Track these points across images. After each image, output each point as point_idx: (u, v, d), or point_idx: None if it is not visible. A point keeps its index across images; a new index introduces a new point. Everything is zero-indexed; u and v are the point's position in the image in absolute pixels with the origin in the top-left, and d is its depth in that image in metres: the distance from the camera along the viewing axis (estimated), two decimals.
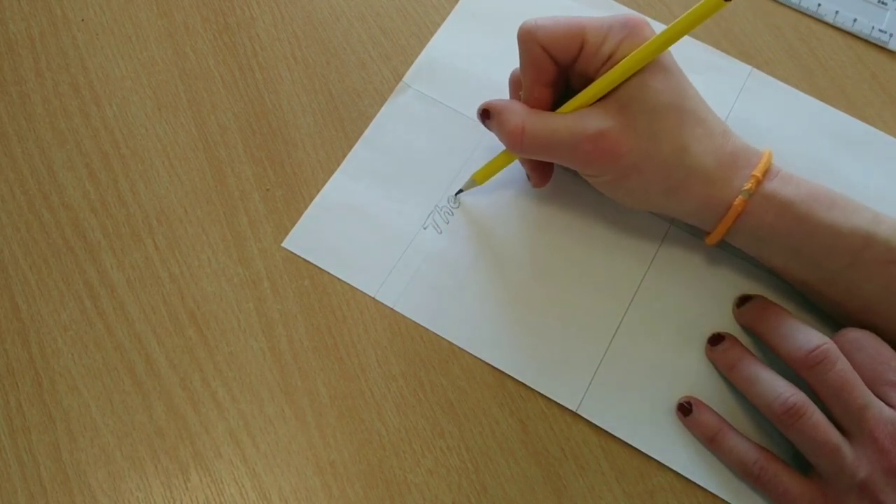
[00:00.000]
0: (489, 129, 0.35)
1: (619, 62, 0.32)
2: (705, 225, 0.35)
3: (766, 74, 0.42)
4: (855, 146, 0.40)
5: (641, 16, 0.33)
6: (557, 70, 0.34)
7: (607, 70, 0.32)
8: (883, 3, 0.43)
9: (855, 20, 0.43)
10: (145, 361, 0.35)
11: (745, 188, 0.32)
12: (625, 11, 0.43)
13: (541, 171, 0.37)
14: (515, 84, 0.37)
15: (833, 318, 0.36)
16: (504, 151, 0.37)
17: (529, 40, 0.33)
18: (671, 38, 0.31)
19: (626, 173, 0.33)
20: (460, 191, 0.39)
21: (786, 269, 0.35)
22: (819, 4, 0.43)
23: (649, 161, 0.32)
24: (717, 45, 0.42)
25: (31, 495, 0.33)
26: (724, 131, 0.34)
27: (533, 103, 0.34)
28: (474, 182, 0.38)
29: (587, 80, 0.34)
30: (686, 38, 0.43)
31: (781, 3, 0.44)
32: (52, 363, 0.35)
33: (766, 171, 0.33)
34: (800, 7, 0.44)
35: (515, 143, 0.34)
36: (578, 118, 0.33)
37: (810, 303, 0.37)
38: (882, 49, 0.43)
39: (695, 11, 0.30)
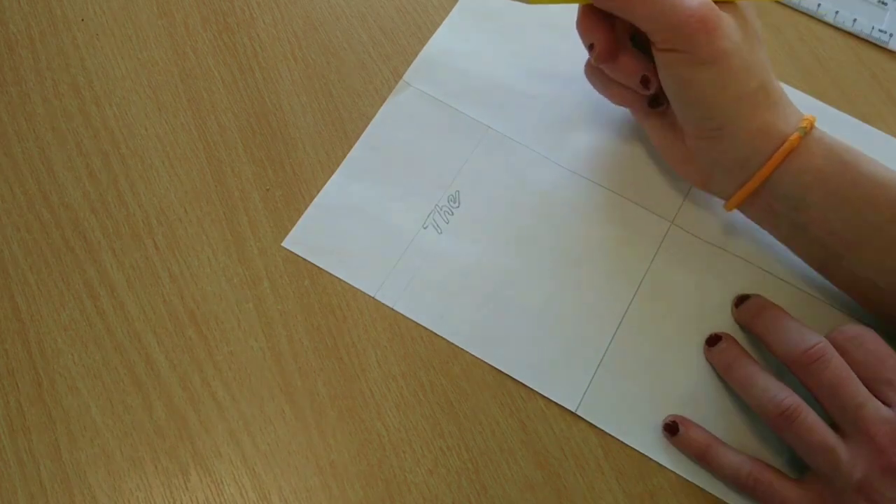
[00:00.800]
0: None
1: None
2: (750, 164, 0.33)
3: None
4: (855, 146, 0.40)
5: None
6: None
7: None
8: (883, 3, 0.43)
9: (855, 20, 0.43)
10: (145, 361, 0.35)
11: (801, 125, 0.33)
12: None
13: (607, 38, 0.34)
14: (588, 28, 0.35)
15: (850, 295, 0.36)
16: None
17: None
18: None
19: (715, 57, 0.32)
20: None
21: (820, 226, 0.33)
22: (819, 4, 0.43)
23: (738, 56, 0.32)
24: None
25: (31, 495, 0.33)
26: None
27: None
28: None
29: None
30: None
31: (781, 3, 0.44)
32: (52, 363, 0.35)
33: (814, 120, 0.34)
34: (800, 7, 0.44)
35: None
36: None
37: (808, 302, 0.37)
38: (882, 49, 0.43)
39: None
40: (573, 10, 0.35)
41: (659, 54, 0.33)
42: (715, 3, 0.32)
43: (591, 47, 0.35)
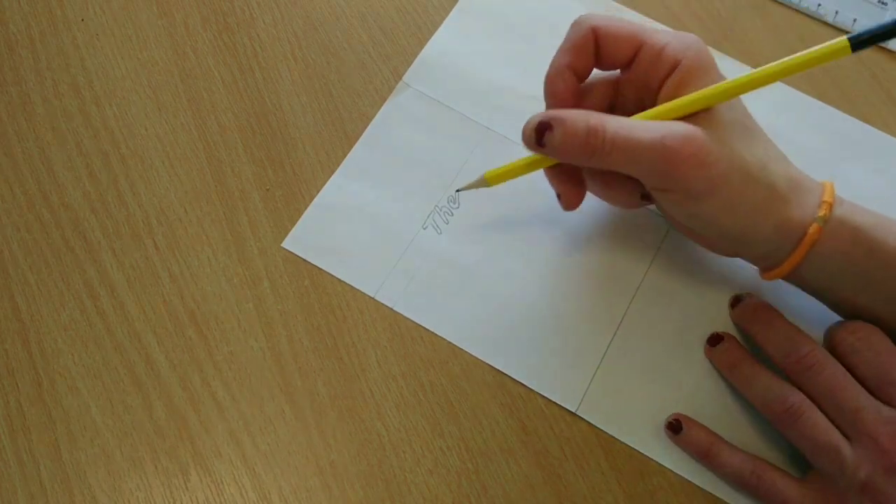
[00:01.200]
0: (547, 145, 0.31)
1: (689, 72, 0.30)
2: (773, 256, 0.32)
3: None
4: (855, 146, 0.40)
5: (692, 35, 0.32)
6: (591, 66, 0.32)
7: (677, 79, 0.30)
8: (883, 3, 0.43)
9: (855, 20, 0.43)
10: (145, 361, 0.35)
11: (820, 214, 0.31)
12: (624, 12, 0.43)
13: (571, 189, 0.34)
14: (552, 91, 0.34)
15: None
16: (529, 158, 0.34)
17: (583, 23, 0.31)
18: (780, 73, 0.30)
19: (713, 186, 0.30)
20: (462, 189, 0.37)
21: (856, 302, 0.33)
22: (819, 4, 0.43)
23: (735, 173, 0.30)
24: (716, 45, 0.42)
25: (31, 495, 0.33)
26: (784, 156, 0.32)
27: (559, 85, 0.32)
28: (484, 182, 0.35)
29: (646, 89, 0.32)
30: None
31: (781, 3, 0.44)
32: (52, 363, 0.35)
33: (834, 198, 0.32)
34: (800, 7, 0.44)
35: (596, 142, 0.29)
36: (658, 123, 0.30)
37: (807, 302, 0.37)
38: (882, 49, 0.43)
39: (813, 54, 0.29)
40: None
41: (655, 194, 0.32)
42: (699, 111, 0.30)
43: (558, 196, 0.34)
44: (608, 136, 0.29)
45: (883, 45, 0.43)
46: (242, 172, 0.39)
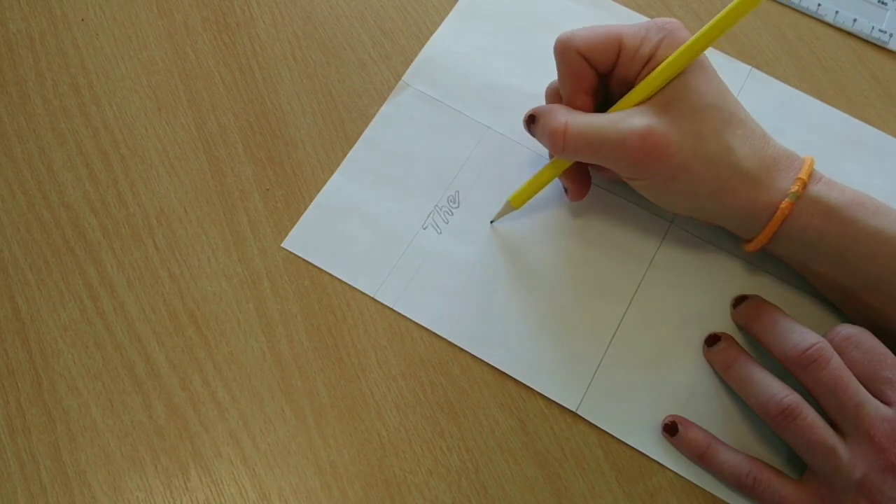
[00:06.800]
0: (534, 135, 0.35)
1: (659, 64, 0.32)
2: (749, 230, 0.34)
3: (766, 74, 0.42)
4: (855, 146, 0.40)
5: (675, 20, 0.33)
6: (596, 77, 0.34)
7: (648, 72, 0.32)
8: (883, 3, 0.43)
9: (855, 20, 0.43)
10: (145, 361, 0.35)
11: (792, 191, 0.32)
12: (624, 11, 0.43)
13: (579, 183, 0.36)
14: (553, 95, 0.37)
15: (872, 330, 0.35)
16: (541, 171, 0.36)
17: (567, 50, 0.33)
18: (713, 35, 0.31)
19: (673, 174, 0.32)
20: (495, 219, 0.38)
21: (829, 276, 0.34)
22: (819, 4, 0.43)
23: (697, 160, 0.32)
24: (716, 44, 0.42)
25: (31, 495, 0.33)
26: (764, 135, 0.34)
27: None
28: (510, 207, 0.37)
29: (627, 86, 0.34)
30: None
31: (781, 3, 0.44)
32: (52, 363, 0.35)
33: (811, 175, 0.33)
34: (800, 7, 0.44)
35: (558, 140, 0.33)
36: (623, 117, 0.33)
37: (807, 303, 0.37)
38: (882, 49, 0.43)
39: (734, 8, 0.31)
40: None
41: (626, 180, 0.35)
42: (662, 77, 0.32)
43: (565, 190, 0.37)
44: (570, 135, 0.33)
45: (883, 44, 0.43)
46: (242, 172, 0.39)
